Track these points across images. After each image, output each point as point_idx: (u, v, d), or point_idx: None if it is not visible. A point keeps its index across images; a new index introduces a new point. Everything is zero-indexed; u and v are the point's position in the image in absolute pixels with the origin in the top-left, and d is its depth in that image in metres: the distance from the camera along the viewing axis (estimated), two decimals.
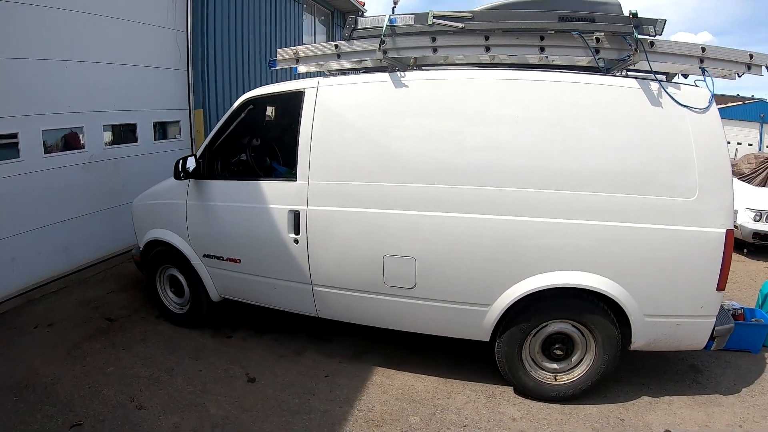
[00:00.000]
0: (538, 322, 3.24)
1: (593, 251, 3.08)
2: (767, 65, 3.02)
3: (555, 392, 3.34)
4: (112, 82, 5.98)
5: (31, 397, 3.35)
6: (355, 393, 3.44)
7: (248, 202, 3.82)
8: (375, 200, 3.36)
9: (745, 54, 3.00)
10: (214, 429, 3.05)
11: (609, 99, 3.09)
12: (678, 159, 3.00)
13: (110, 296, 5.06)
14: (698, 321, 3.14)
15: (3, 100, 4.72)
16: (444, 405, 3.33)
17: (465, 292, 3.29)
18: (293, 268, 3.70)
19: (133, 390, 3.44)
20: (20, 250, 4.98)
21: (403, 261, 3.33)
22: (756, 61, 2.99)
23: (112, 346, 4.05)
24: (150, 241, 4.42)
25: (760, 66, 3.01)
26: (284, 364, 3.82)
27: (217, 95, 7.91)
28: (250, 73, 8.77)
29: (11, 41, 4.78)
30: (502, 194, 3.13)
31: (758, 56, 3.00)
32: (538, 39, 3.07)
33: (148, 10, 6.54)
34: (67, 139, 5.54)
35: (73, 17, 5.40)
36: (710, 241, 3.00)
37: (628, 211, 3.02)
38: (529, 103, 3.16)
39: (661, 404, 3.38)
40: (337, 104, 3.53)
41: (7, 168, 4.80)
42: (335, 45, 3.42)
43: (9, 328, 4.36)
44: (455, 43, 3.17)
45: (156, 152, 6.64)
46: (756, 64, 3.00)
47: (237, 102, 3.93)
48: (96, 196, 5.84)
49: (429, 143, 3.31)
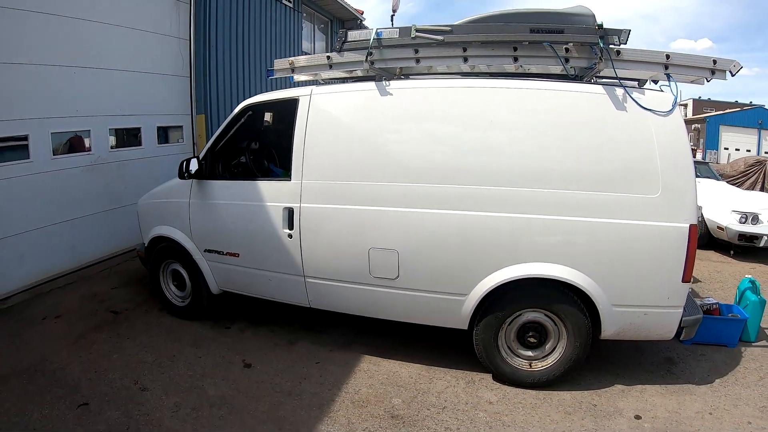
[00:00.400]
0: (512, 311, 3.46)
1: (561, 244, 3.30)
2: (731, 70, 3.17)
3: (530, 378, 3.54)
4: (117, 88, 6.25)
5: (40, 381, 3.58)
6: (344, 378, 3.67)
7: (247, 200, 4.08)
8: (361, 198, 3.61)
9: (709, 60, 3.19)
10: (211, 408, 3.29)
11: (576, 104, 3.31)
12: (641, 158, 3.19)
13: (115, 291, 5.32)
14: (665, 311, 3.31)
15: (14, 103, 5.00)
16: (425, 389, 3.54)
17: (443, 283, 3.52)
18: (287, 261, 3.94)
19: (137, 374, 3.68)
20: (29, 246, 5.22)
21: (387, 253, 3.58)
22: (719, 66, 3.17)
23: (117, 336, 4.30)
24: (154, 238, 4.69)
25: (723, 71, 3.18)
26: (279, 352, 4.06)
27: (219, 101, 8.16)
28: (250, 80, 9.01)
29: (22, 48, 5.05)
30: (474, 192, 3.37)
31: (721, 61, 3.17)
32: (511, 50, 3.32)
33: (153, 19, 6.84)
34: (74, 142, 5.80)
35: (81, 26, 5.69)
36: (674, 235, 3.17)
37: (594, 207, 3.23)
38: (499, 109, 3.41)
39: (633, 392, 3.53)
40: (328, 111, 3.79)
41: (17, 168, 5.07)
42: (327, 56, 3.72)
43: (18, 319, 4.61)
44: (436, 54, 3.45)
45: (159, 155, 6.89)
46: (719, 69, 3.18)
47: (237, 108, 4.21)
48: (101, 197, 6.09)
49: (408, 146, 3.59)
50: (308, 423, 3.15)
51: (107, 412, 3.22)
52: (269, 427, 3.10)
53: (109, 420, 3.13)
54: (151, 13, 6.80)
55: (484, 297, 3.43)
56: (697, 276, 6.23)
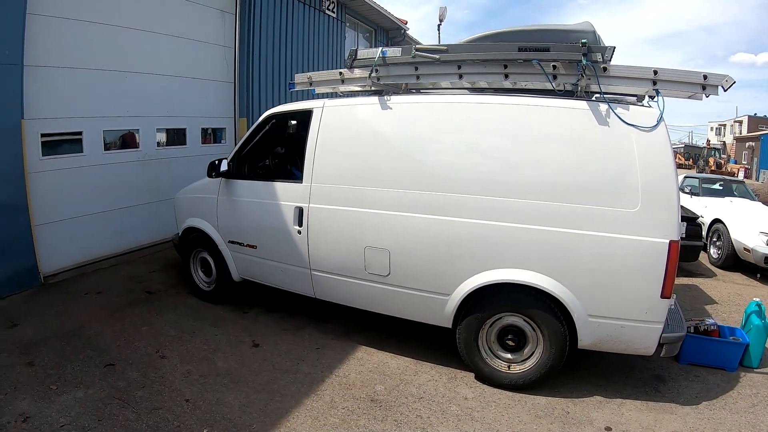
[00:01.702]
0: (491, 313, 3.67)
1: (539, 253, 3.45)
2: (722, 85, 3.16)
3: (507, 380, 3.71)
4: (166, 91, 6.91)
5: (76, 343, 4.16)
6: (337, 363, 4.03)
7: (265, 199, 4.54)
8: (359, 201, 3.97)
9: (699, 75, 3.19)
10: (217, 377, 3.73)
11: (560, 118, 3.45)
12: (621, 173, 3.26)
13: (152, 274, 5.94)
14: (643, 326, 3.34)
15: (70, 103, 5.70)
16: (408, 380, 3.83)
17: (429, 282, 3.79)
18: (296, 255, 4.36)
19: (159, 344, 4.19)
20: (79, 230, 5.90)
21: (380, 252, 3.91)
22: (710, 81, 3.17)
23: (148, 312, 4.86)
24: (187, 228, 5.25)
25: (715, 86, 3.17)
26: (285, 336, 4.48)
27: (260, 106, 8.67)
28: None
29: (80, 54, 5.76)
30: (458, 200, 3.63)
31: (712, 76, 3.16)
32: (502, 67, 3.57)
33: (200, 29, 7.50)
34: (125, 139, 6.50)
35: (135, 35, 6.38)
36: (651, 250, 3.21)
37: (573, 219, 3.34)
38: (483, 122, 3.65)
39: (611, 404, 3.57)
40: (335, 121, 4.19)
41: (71, 160, 5.78)
42: (339, 72, 4.16)
43: (64, 292, 5.28)
44: (434, 72, 3.79)
45: (202, 155, 7.47)
46: (711, 84, 3.18)
47: (262, 116, 4.72)
48: (147, 190, 6.75)
49: (401, 155, 3.88)
50: (296, 396, 3.53)
51: (128, 372, 3.73)
52: (262, 396, 3.51)
53: (129, 378, 3.65)
54: (198, 23, 7.46)
55: (465, 298, 3.66)
56: (715, 298, 6.14)
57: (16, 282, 5.20)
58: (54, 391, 3.45)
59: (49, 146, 5.56)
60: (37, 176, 5.38)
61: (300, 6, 9.71)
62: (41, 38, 5.30)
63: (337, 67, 10.38)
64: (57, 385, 3.52)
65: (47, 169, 5.52)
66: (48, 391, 3.43)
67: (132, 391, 3.49)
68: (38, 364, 3.79)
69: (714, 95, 3.25)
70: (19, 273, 5.24)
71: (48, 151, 5.54)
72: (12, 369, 3.70)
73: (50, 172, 5.55)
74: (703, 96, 3.33)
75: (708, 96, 3.30)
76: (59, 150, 5.68)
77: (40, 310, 4.79)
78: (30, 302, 4.99)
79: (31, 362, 3.81)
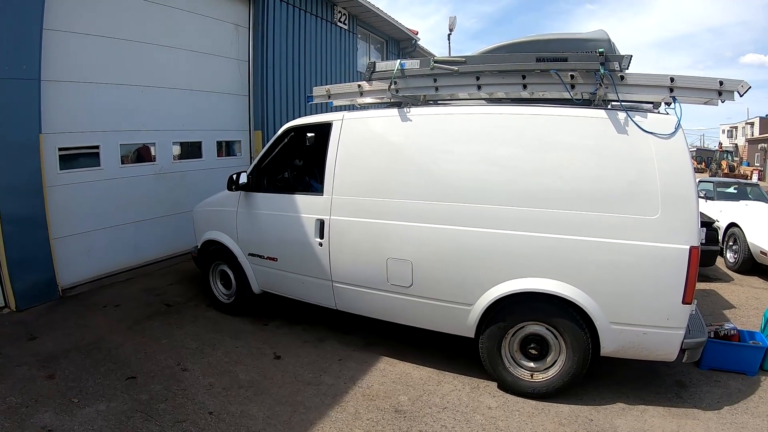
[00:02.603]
0: (513, 322, 3.68)
1: (560, 261, 3.46)
2: (738, 90, 3.19)
3: (530, 389, 3.72)
4: (181, 105, 7.01)
5: (97, 356, 4.19)
6: (360, 374, 4.04)
7: (286, 211, 4.56)
8: (381, 212, 4.00)
9: (715, 81, 3.22)
10: (240, 389, 3.74)
11: (579, 128, 3.49)
12: (641, 180, 3.28)
13: (170, 287, 5.98)
14: (665, 332, 3.34)
15: (88, 117, 5.80)
16: (432, 390, 3.83)
17: (451, 292, 3.81)
18: (318, 267, 4.38)
19: (180, 357, 4.21)
20: (96, 244, 5.98)
21: (402, 263, 3.93)
22: (726, 87, 3.20)
23: (167, 324, 4.89)
24: (206, 241, 5.29)
25: (731, 91, 3.20)
26: (307, 348, 4.49)
27: (275, 118, 8.76)
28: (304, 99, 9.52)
29: (96, 68, 5.86)
30: (479, 210, 3.65)
31: (728, 82, 3.19)
32: (520, 77, 3.61)
33: (215, 43, 7.62)
34: (142, 152, 6.58)
35: (151, 49, 6.49)
36: (673, 256, 3.22)
37: (594, 227, 3.36)
38: (502, 132, 3.67)
39: (634, 411, 3.55)
40: (355, 134, 4.23)
41: (89, 174, 5.86)
42: (358, 85, 4.20)
43: (83, 305, 5.34)
44: (452, 83, 3.82)
45: (218, 167, 7.59)
46: (727, 90, 3.21)
47: (281, 130, 4.76)
48: (163, 203, 6.81)
49: (421, 166, 3.91)
50: (320, 408, 3.54)
51: (151, 385, 3.75)
52: (286, 408, 3.52)
53: (151, 391, 3.67)
54: (212, 37, 7.58)
55: (488, 308, 3.67)
56: (734, 302, 6.12)
57: (34, 295, 5.27)
58: (76, 404, 3.48)
59: (66, 160, 5.65)
60: (55, 190, 5.47)
61: (312, 19, 9.83)
62: (58, 53, 5.40)
63: (349, 78, 10.55)
64: (79, 398, 3.55)
65: (65, 182, 5.61)
66: (70, 404, 3.46)
67: (155, 404, 3.51)
68: (59, 377, 3.82)
69: (730, 101, 3.27)
70: (38, 286, 5.31)
71: (65, 164, 5.63)
72: (33, 381, 3.74)
73: (68, 185, 5.64)
74: (719, 102, 3.32)
75: (724, 101, 3.30)
76: (76, 164, 5.77)
77: (59, 322, 4.84)
78: (49, 315, 5.05)
79: (52, 375, 3.85)
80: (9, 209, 4.99)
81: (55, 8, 5.30)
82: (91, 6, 5.74)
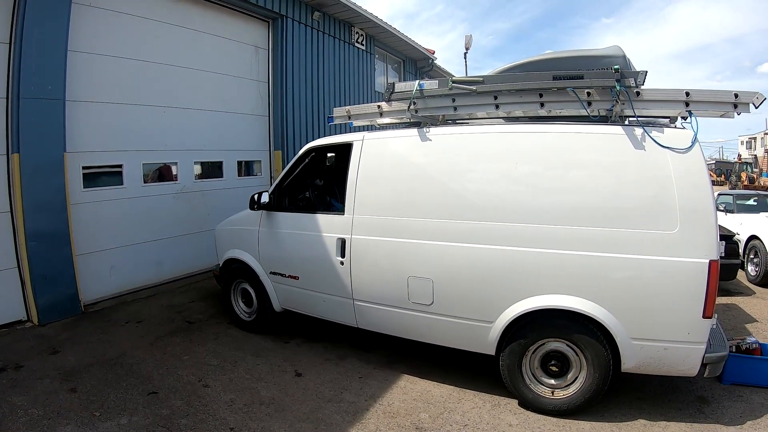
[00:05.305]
0: (534, 339, 3.68)
1: (581, 278, 3.47)
2: (754, 102, 3.20)
3: (551, 406, 3.70)
4: (203, 125, 7.17)
5: (119, 371, 4.27)
6: (381, 392, 4.05)
7: (307, 230, 4.63)
8: (401, 231, 4.05)
9: (730, 94, 3.24)
10: (261, 405, 3.78)
11: (596, 145, 3.52)
12: (658, 195, 3.29)
13: (191, 304, 6.07)
14: (686, 347, 3.32)
15: (111, 137, 5.98)
16: (453, 408, 3.83)
17: (472, 310, 3.83)
18: (339, 285, 4.43)
19: (202, 373, 4.27)
20: (118, 260, 6.11)
21: (423, 281, 3.96)
22: (742, 100, 3.21)
23: (188, 341, 4.96)
24: (228, 259, 5.38)
25: (747, 103, 3.21)
26: (328, 366, 4.52)
27: (295, 138, 8.89)
28: (323, 119, 9.68)
29: (120, 89, 6.04)
30: (499, 228, 3.69)
31: (743, 94, 3.21)
32: (537, 96, 3.67)
33: (235, 65, 7.81)
34: (163, 172, 6.73)
35: (173, 71, 6.68)
36: (692, 271, 3.21)
37: (613, 243, 3.36)
38: (522, 151, 3.71)
39: (655, 428, 3.51)
40: (375, 154, 4.30)
41: (112, 193, 6.03)
42: (378, 105, 4.30)
43: (105, 321, 5.44)
44: (471, 103, 3.89)
45: (239, 187, 7.73)
46: (742, 102, 3.22)
47: (302, 150, 4.86)
48: (184, 221, 6.94)
49: (441, 185, 3.96)
50: (341, 425, 3.56)
51: (172, 400, 3.81)
52: (307, 425, 3.54)
53: (173, 407, 3.72)
54: (233, 58, 7.77)
55: (508, 325, 3.68)
56: (755, 316, 6.04)
57: (57, 310, 5.39)
58: (97, 417, 3.54)
59: (90, 178, 5.82)
60: (79, 207, 5.63)
61: (330, 40, 10.01)
62: (82, 74, 5.59)
63: (367, 98, 10.71)
64: (100, 411, 3.62)
65: (88, 200, 5.77)
66: (92, 418, 3.52)
67: (176, 419, 3.55)
68: (81, 391, 3.90)
69: (746, 113, 3.28)
70: (61, 301, 5.43)
71: (89, 183, 5.80)
72: (55, 395, 3.82)
73: (91, 203, 5.80)
74: (735, 114, 3.36)
75: (740, 114, 3.33)
76: (100, 182, 5.93)
77: (82, 337, 4.94)
78: (71, 330, 5.16)
79: (74, 388, 3.93)
80: (34, 225, 5.14)
81: (79, 30, 5.51)
82: (114, 28, 5.95)
